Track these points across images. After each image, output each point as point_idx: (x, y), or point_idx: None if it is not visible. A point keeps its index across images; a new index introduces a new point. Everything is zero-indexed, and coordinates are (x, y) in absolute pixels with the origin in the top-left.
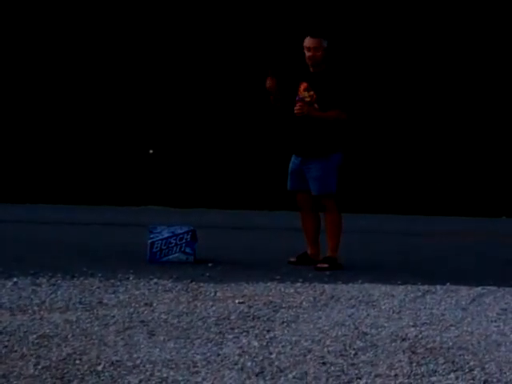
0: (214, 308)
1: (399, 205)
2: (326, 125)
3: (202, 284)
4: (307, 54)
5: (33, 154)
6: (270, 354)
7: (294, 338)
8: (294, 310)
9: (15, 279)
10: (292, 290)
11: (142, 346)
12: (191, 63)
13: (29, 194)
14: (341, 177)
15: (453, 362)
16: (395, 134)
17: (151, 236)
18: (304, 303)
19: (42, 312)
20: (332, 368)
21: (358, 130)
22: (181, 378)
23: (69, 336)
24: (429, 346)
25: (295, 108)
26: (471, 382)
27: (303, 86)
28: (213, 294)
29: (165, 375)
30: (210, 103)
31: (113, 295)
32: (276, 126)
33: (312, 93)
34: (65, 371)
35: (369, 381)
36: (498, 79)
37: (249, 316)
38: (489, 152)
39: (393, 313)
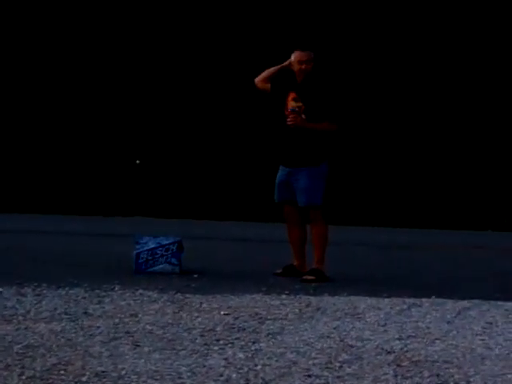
0: (199, 319)
1: (385, 217)
2: (313, 135)
3: (187, 295)
4: (299, 67)
5: (19, 163)
6: (256, 365)
7: (279, 350)
8: (280, 321)
9: (0, 289)
10: (278, 302)
11: (127, 356)
12: (179, 75)
13: (15, 204)
14: (328, 189)
15: (438, 375)
16: (383, 146)
17: (137, 247)
18: (290, 315)
19: (26, 322)
20: (317, 380)
21: (345, 141)
22: None
23: (54, 346)
24: (414, 359)
25: (288, 119)
26: None
27: (291, 96)
28: (198, 306)
29: None
30: (197, 114)
31: (98, 306)
32: (263, 137)
33: (300, 104)
34: (50, 381)
35: None
36: (488, 98)
37: (234, 327)
38: (475, 166)
39: (378, 325)
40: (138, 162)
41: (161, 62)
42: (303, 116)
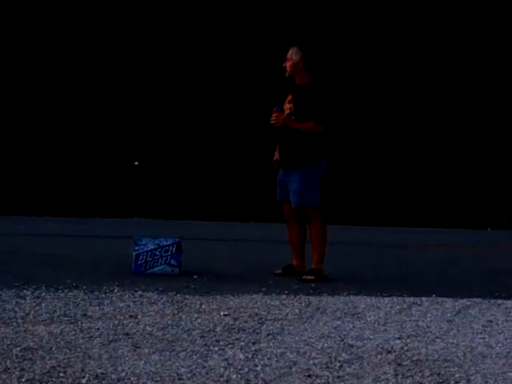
0: (199, 320)
1: (384, 217)
2: (303, 137)
3: (187, 296)
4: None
5: (17, 166)
6: (256, 366)
7: (279, 351)
8: (280, 322)
9: None
10: (277, 302)
11: (127, 358)
12: (178, 76)
13: (13, 207)
14: (327, 189)
15: (438, 374)
16: (382, 146)
17: (136, 248)
18: (289, 315)
19: (26, 324)
20: (317, 380)
21: (345, 141)
22: None
23: (53, 348)
24: (414, 358)
25: (271, 118)
26: None
27: (288, 98)
28: (198, 306)
29: None
30: (195, 115)
31: (97, 307)
32: (263, 137)
33: (291, 105)
34: None
35: None
36: (488, 98)
37: (234, 328)
38: (474, 166)
39: (378, 325)
40: (136, 163)
41: (159, 64)
42: (292, 118)
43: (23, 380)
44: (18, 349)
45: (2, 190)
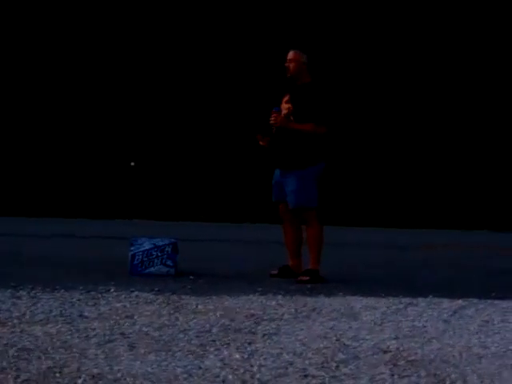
0: (195, 320)
1: (380, 218)
2: (302, 138)
3: (183, 296)
4: (285, 64)
5: (15, 167)
6: (252, 366)
7: (275, 351)
8: (276, 322)
9: None
10: (273, 303)
11: (123, 358)
12: (175, 78)
13: (10, 207)
14: (324, 189)
15: (434, 374)
16: (381, 147)
17: (132, 248)
18: (286, 315)
19: (22, 325)
20: (314, 381)
21: (344, 142)
22: None
23: (49, 349)
24: (410, 359)
25: (270, 119)
26: None
27: (286, 98)
28: (194, 307)
29: None
30: (193, 116)
31: (93, 308)
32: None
33: (289, 105)
34: None
35: None
36: (485, 100)
37: (230, 329)
38: (472, 167)
39: (374, 325)
40: (132, 164)
41: (157, 65)
42: (291, 118)
43: (19, 380)
44: (14, 349)
45: (0, 191)
